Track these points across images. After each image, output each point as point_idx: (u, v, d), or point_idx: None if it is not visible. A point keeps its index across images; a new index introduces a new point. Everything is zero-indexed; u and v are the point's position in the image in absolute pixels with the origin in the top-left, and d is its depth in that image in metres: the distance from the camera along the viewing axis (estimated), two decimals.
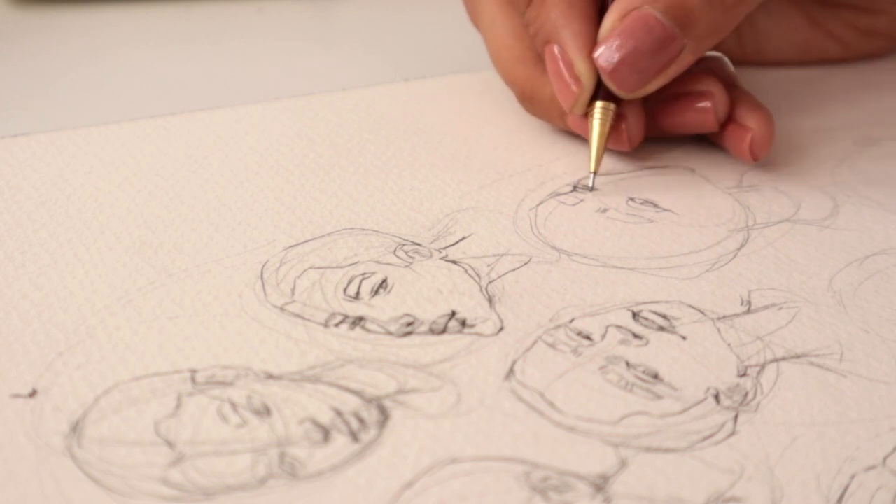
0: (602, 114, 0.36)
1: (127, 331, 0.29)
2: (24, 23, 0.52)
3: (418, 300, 0.30)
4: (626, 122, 0.37)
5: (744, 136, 0.37)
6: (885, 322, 0.30)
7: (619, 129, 0.37)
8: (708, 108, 0.37)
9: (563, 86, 0.36)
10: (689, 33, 0.35)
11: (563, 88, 0.36)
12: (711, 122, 0.38)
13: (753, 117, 0.37)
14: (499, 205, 0.35)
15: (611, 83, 0.35)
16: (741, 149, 0.38)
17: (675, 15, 0.35)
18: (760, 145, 0.37)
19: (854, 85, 0.46)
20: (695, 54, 0.36)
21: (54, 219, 0.34)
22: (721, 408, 0.27)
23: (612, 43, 0.35)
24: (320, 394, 0.27)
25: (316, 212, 0.34)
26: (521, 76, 0.39)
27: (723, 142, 0.39)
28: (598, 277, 0.32)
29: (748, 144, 0.37)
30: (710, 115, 0.37)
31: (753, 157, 0.37)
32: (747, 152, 0.37)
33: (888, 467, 0.25)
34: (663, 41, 0.35)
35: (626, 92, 0.36)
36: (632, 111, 0.37)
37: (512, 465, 0.25)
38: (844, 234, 0.34)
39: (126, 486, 0.24)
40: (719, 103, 0.37)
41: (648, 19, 0.35)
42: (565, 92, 0.36)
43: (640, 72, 0.35)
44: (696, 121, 0.38)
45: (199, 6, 0.54)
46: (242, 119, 0.41)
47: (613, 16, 0.35)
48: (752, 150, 0.37)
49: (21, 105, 0.43)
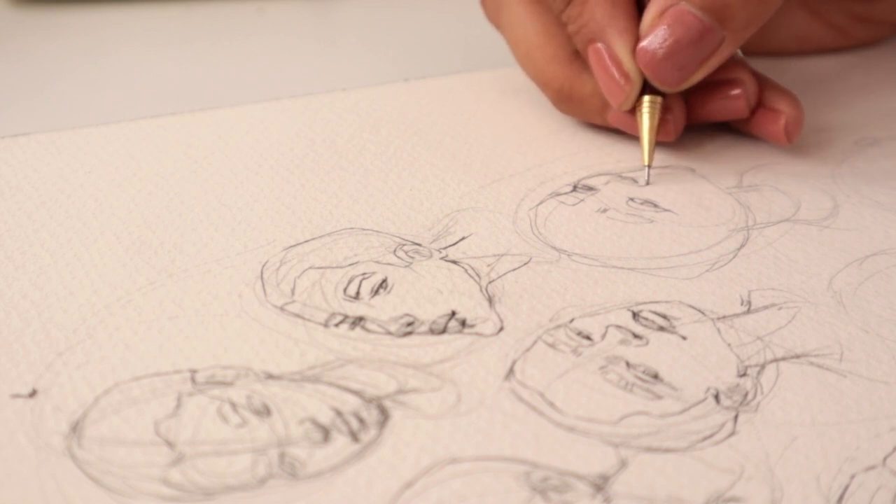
0: (650, 107, 0.37)
1: (127, 331, 0.29)
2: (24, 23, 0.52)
3: (418, 300, 0.30)
4: (671, 114, 0.38)
5: (777, 119, 0.38)
6: (885, 322, 0.30)
7: (664, 120, 0.38)
8: (740, 95, 0.38)
9: (611, 83, 0.37)
10: (728, 26, 0.36)
11: (613, 86, 0.37)
12: (743, 108, 0.38)
13: (784, 100, 0.38)
14: (499, 205, 0.35)
15: (653, 79, 0.36)
16: (775, 132, 0.38)
17: (713, 9, 0.35)
18: (794, 126, 0.38)
19: (854, 84, 0.46)
20: (734, 46, 0.36)
21: (54, 219, 0.34)
22: (721, 408, 0.27)
23: (653, 39, 0.36)
24: (320, 394, 0.27)
25: (316, 212, 0.34)
26: (557, 75, 0.39)
27: (754, 127, 0.39)
28: (598, 277, 0.32)
29: (783, 127, 0.38)
30: (742, 102, 0.38)
31: (789, 139, 0.38)
32: (782, 135, 0.38)
33: (888, 467, 0.25)
34: (702, 35, 0.35)
35: (668, 87, 0.36)
36: (675, 103, 0.38)
37: (512, 465, 0.25)
38: (844, 234, 0.34)
39: (126, 486, 0.24)
40: (750, 90, 0.38)
41: (686, 15, 0.35)
42: (614, 89, 0.37)
43: (681, 67, 0.36)
44: (728, 108, 0.39)
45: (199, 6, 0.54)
46: (242, 119, 0.41)
47: (652, 12, 0.36)
48: (787, 131, 0.38)
49: (21, 105, 0.43)
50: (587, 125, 0.41)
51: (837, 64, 0.47)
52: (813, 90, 0.45)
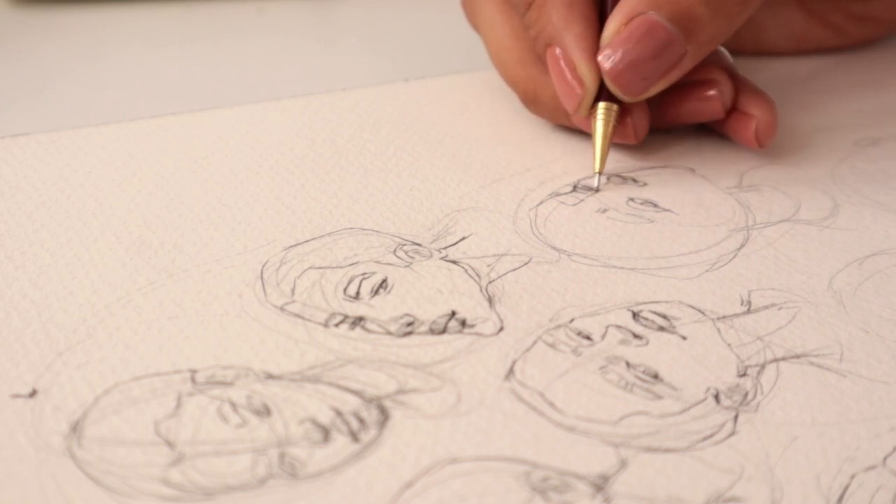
0: (605, 115, 0.36)
1: (127, 331, 0.29)
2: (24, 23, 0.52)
3: (418, 300, 0.30)
4: (630, 116, 0.37)
5: (748, 124, 0.38)
6: (885, 322, 0.30)
7: (624, 122, 0.37)
8: (714, 97, 0.38)
9: (566, 88, 0.36)
10: (693, 40, 0.35)
11: (567, 91, 0.36)
12: (718, 110, 0.38)
13: (756, 105, 0.38)
14: (499, 205, 0.35)
15: (614, 87, 0.36)
16: (746, 137, 0.38)
17: (681, 21, 0.35)
18: (766, 132, 0.38)
19: (854, 84, 0.46)
20: (696, 59, 0.36)
21: (54, 219, 0.34)
22: (721, 408, 0.27)
23: (617, 48, 0.35)
24: (320, 394, 0.27)
25: (316, 212, 0.34)
26: (522, 77, 0.39)
27: (727, 131, 0.39)
28: (598, 277, 0.32)
29: (753, 132, 0.38)
30: (717, 103, 0.38)
31: (760, 145, 0.38)
32: (753, 140, 0.38)
33: (888, 467, 0.25)
34: (667, 47, 0.35)
35: (630, 96, 0.36)
36: (636, 105, 0.37)
37: (512, 465, 0.25)
38: (844, 234, 0.34)
39: (126, 486, 0.24)
40: (725, 91, 0.38)
41: (653, 25, 0.35)
42: (569, 94, 0.36)
43: (644, 77, 0.35)
44: (702, 109, 0.38)
45: (199, 6, 0.54)
46: (242, 119, 0.41)
47: (617, 20, 0.35)
48: (757, 137, 0.38)
49: (21, 105, 0.43)
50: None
51: (836, 64, 0.47)
52: (812, 90, 0.45)
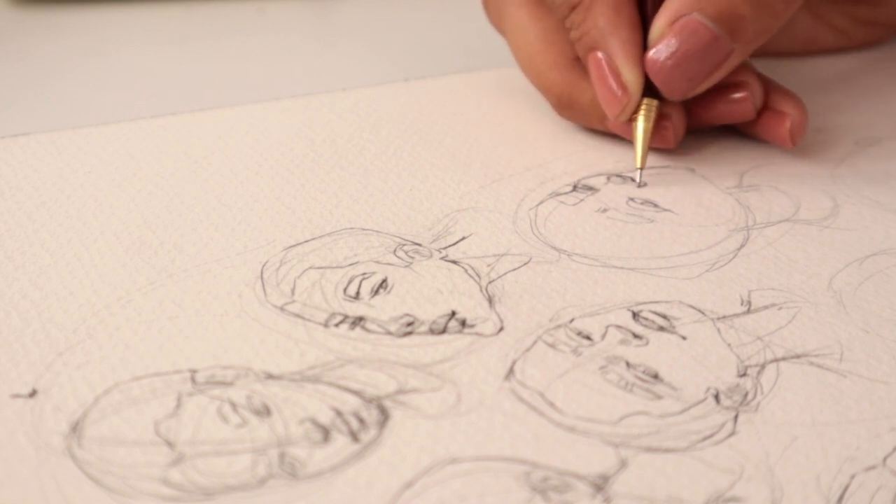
0: (646, 111, 0.37)
1: (127, 331, 0.29)
2: (24, 23, 0.52)
3: (418, 300, 0.30)
4: (670, 121, 0.37)
5: (782, 122, 0.38)
6: (885, 322, 0.30)
7: (663, 126, 0.37)
8: (746, 98, 0.38)
9: (609, 93, 0.37)
10: (738, 39, 0.35)
11: (610, 96, 0.37)
12: (749, 111, 0.38)
13: (788, 103, 0.38)
14: (499, 205, 0.35)
15: (661, 88, 0.36)
16: (779, 134, 0.38)
17: (725, 21, 0.35)
18: (799, 129, 0.38)
19: (854, 85, 0.46)
20: (742, 56, 0.36)
21: (54, 219, 0.34)
22: (721, 408, 0.27)
23: (662, 49, 0.35)
24: (320, 394, 0.27)
25: (316, 212, 0.34)
26: (557, 82, 0.39)
27: (758, 130, 0.39)
28: (598, 277, 0.32)
29: (787, 130, 0.38)
30: (748, 105, 0.38)
31: (793, 142, 0.38)
32: (787, 137, 0.38)
33: (888, 467, 0.25)
34: (712, 47, 0.35)
35: (676, 96, 0.36)
36: (675, 109, 0.38)
37: (512, 465, 0.25)
38: (844, 234, 0.34)
39: (126, 486, 0.24)
40: (756, 93, 0.38)
41: (697, 26, 0.35)
42: (611, 100, 0.37)
43: (690, 78, 0.36)
44: (734, 111, 0.38)
45: (199, 6, 0.54)
46: (242, 119, 0.41)
47: (662, 21, 0.36)
48: (792, 134, 0.38)
49: (21, 105, 0.43)
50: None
51: (837, 65, 0.47)
52: (812, 91, 0.45)
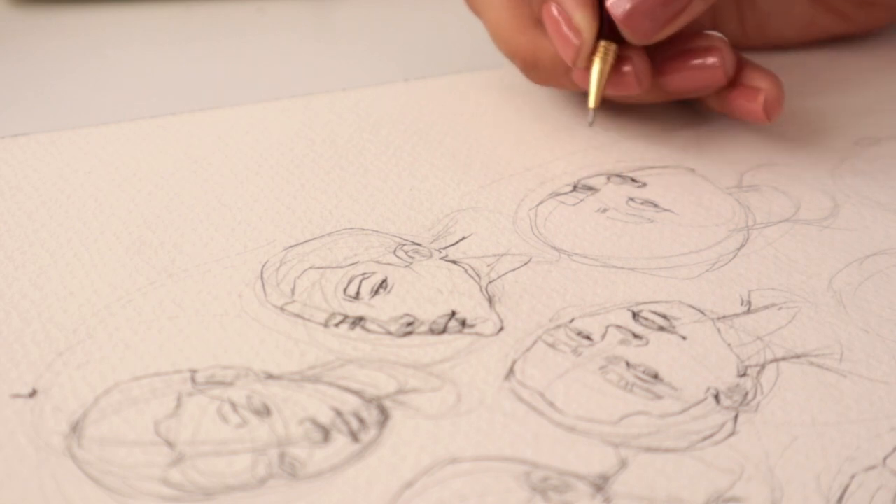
0: (603, 52, 0.36)
1: (127, 331, 0.29)
2: (24, 23, 0.52)
3: (418, 300, 0.30)
4: (631, 64, 0.37)
5: (756, 97, 0.38)
6: (885, 322, 0.30)
7: (624, 71, 0.37)
8: (716, 64, 0.37)
9: (563, 41, 0.36)
10: None
11: (564, 43, 0.36)
12: (720, 77, 0.38)
13: (762, 78, 0.38)
14: (499, 205, 0.35)
15: (625, 30, 0.36)
16: (754, 110, 0.38)
17: None
18: (774, 104, 0.38)
19: (854, 84, 0.46)
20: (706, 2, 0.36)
21: (54, 219, 0.34)
22: (721, 408, 0.27)
23: None
24: (320, 394, 0.27)
25: (316, 212, 0.34)
26: (521, 44, 0.39)
27: (732, 108, 0.39)
28: (598, 277, 0.32)
29: (761, 104, 0.38)
30: (719, 71, 0.37)
31: (768, 117, 0.38)
32: (761, 113, 0.38)
33: (888, 467, 0.25)
34: None
35: (639, 39, 0.36)
36: (636, 53, 0.37)
37: (512, 465, 0.25)
38: (844, 234, 0.34)
39: (126, 486, 0.24)
40: (727, 58, 0.37)
41: None
42: (567, 46, 0.36)
43: (653, 18, 0.35)
44: (704, 77, 0.38)
45: (199, 6, 0.54)
46: (242, 119, 0.41)
47: None
48: (766, 109, 0.38)
49: (21, 105, 0.43)
50: (586, 124, 0.41)
51: (838, 65, 0.47)
52: (813, 91, 0.45)
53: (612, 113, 0.42)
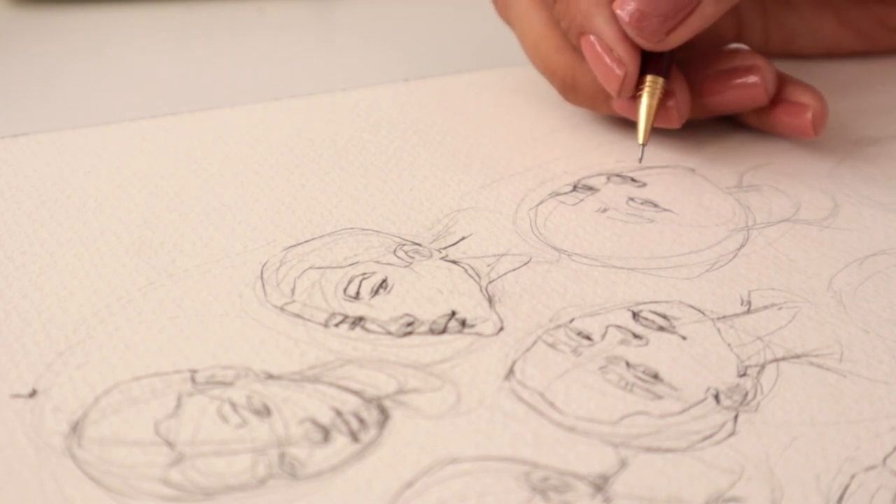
0: (651, 87, 0.36)
1: (127, 331, 0.29)
2: (24, 23, 0.52)
3: (418, 300, 0.30)
4: (674, 99, 0.37)
5: (803, 113, 0.38)
6: (885, 322, 0.30)
7: (666, 106, 0.37)
8: (757, 83, 0.38)
9: (607, 72, 0.36)
10: None
11: (608, 74, 0.36)
12: (762, 96, 0.38)
13: (807, 94, 0.38)
14: (499, 205, 0.35)
15: (634, 34, 0.36)
16: (801, 125, 0.38)
17: None
18: (820, 119, 0.38)
19: (854, 84, 0.46)
20: (716, 4, 0.36)
21: (54, 219, 0.34)
22: (721, 408, 0.27)
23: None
24: (320, 394, 0.27)
25: (316, 212, 0.34)
26: (560, 65, 0.39)
27: (777, 121, 0.39)
28: (598, 277, 0.32)
29: (809, 120, 0.38)
30: (760, 90, 0.38)
31: (815, 132, 0.38)
32: (809, 127, 0.38)
33: (888, 467, 0.25)
34: None
35: (651, 42, 0.36)
36: (678, 87, 0.37)
37: (512, 465, 0.25)
38: (844, 234, 0.34)
39: (126, 486, 0.24)
40: (768, 77, 0.38)
41: None
42: (610, 77, 0.36)
43: (662, 17, 0.35)
44: (745, 96, 0.38)
45: (199, 6, 0.54)
46: (242, 119, 0.41)
47: None
48: (814, 124, 0.38)
49: (21, 105, 0.43)
50: (586, 124, 0.41)
51: (838, 65, 0.47)
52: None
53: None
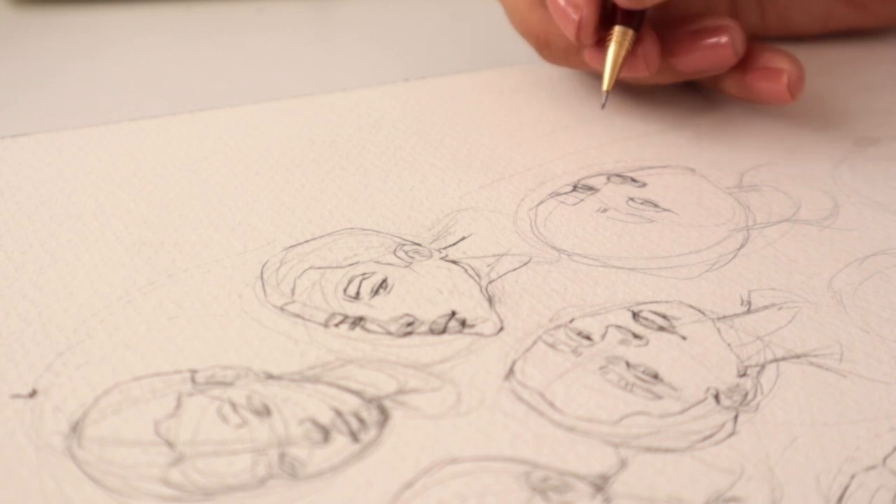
0: (619, 37, 0.36)
1: (127, 331, 0.29)
2: (24, 23, 0.52)
3: (418, 300, 0.30)
4: (640, 46, 0.37)
5: (778, 77, 0.38)
6: (885, 322, 0.30)
7: (634, 53, 0.37)
8: (726, 43, 0.38)
9: (564, 17, 0.36)
10: None
11: (565, 19, 0.36)
12: (730, 56, 0.38)
13: (782, 59, 0.38)
14: (499, 205, 0.35)
15: None
16: (777, 90, 0.38)
17: None
18: (797, 82, 0.38)
19: (854, 84, 0.46)
20: None
21: (54, 219, 0.34)
22: (721, 408, 0.27)
23: None
24: (320, 394, 0.27)
25: (316, 212, 0.34)
26: (534, 22, 0.39)
27: (754, 90, 0.39)
28: (598, 277, 0.32)
29: (785, 84, 0.38)
30: (729, 50, 0.38)
31: (792, 96, 0.38)
32: (785, 92, 0.38)
33: (888, 467, 0.25)
34: None
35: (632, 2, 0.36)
36: (647, 37, 0.37)
37: (512, 465, 0.25)
38: (844, 234, 0.34)
39: (126, 486, 0.24)
40: (737, 37, 0.38)
41: None
42: (567, 22, 0.36)
43: None
44: (714, 56, 0.38)
45: (199, 6, 0.54)
46: (242, 119, 0.41)
47: None
48: (790, 88, 0.38)
49: (21, 105, 0.43)
50: (586, 124, 0.41)
51: (838, 65, 0.47)
52: (812, 91, 0.45)
53: (614, 112, 0.42)
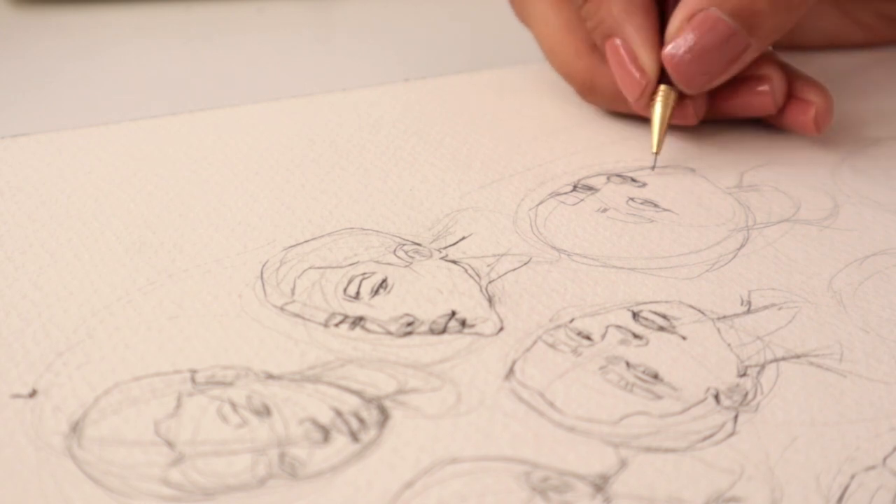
0: (664, 97, 0.37)
1: (127, 331, 0.29)
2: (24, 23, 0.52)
3: (418, 300, 0.30)
4: (690, 99, 0.38)
5: (807, 110, 0.39)
6: (885, 322, 0.30)
7: (683, 104, 0.38)
8: (767, 92, 0.39)
9: (628, 78, 0.38)
10: (755, 33, 0.36)
11: (629, 80, 0.38)
12: (770, 106, 0.39)
13: (813, 91, 0.39)
14: (499, 205, 0.35)
15: (679, 81, 0.37)
16: (804, 122, 0.39)
17: (742, 17, 0.36)
18: (824, 117, 0.39)
19: (854, 84, 0.46)
20: (758, 51, 0.37)
21: (54, 219, 0.34)
22: (721, 408, 0.27)
23: (680, 43, 0.36)
24: (320, 394, 0.27)
25: (316, 212, 0.34)
26: (580, 69, 0.40)
27: (783, 119, 0.40)
28: (598, 277, 0.32)
29: (812, 118, 0.39)
30: (768, 98, 0.39)
31: (818, 130, 0.39)
32: (811, 125, 0.39)
33: (888, 467, 0.25)
34: (729, 41, 0.36)
35: (692, 89, 0.37)
36: None
37: (512, 465, 0.25)
38: (844, 234, 0.34)
39: (126, 486, 0.24)
40: (777, 87, 0.39)
41: (715, 21, 0.36)
42: (631, 84, 0.38)
43: (707, 71, 0.37)
44: (755, 104, 0.39)
45: (199, 6, 0.54)
46: (242, 119, 0.41)
47: (681, 15, 0.37)
48: (816, 122, 0.39)
49: (21, 105, 0.43)
50: (586, 125, 0.41)
51: (838, 65, 0.47)
52: None
53: (614, 112, 0.42)
